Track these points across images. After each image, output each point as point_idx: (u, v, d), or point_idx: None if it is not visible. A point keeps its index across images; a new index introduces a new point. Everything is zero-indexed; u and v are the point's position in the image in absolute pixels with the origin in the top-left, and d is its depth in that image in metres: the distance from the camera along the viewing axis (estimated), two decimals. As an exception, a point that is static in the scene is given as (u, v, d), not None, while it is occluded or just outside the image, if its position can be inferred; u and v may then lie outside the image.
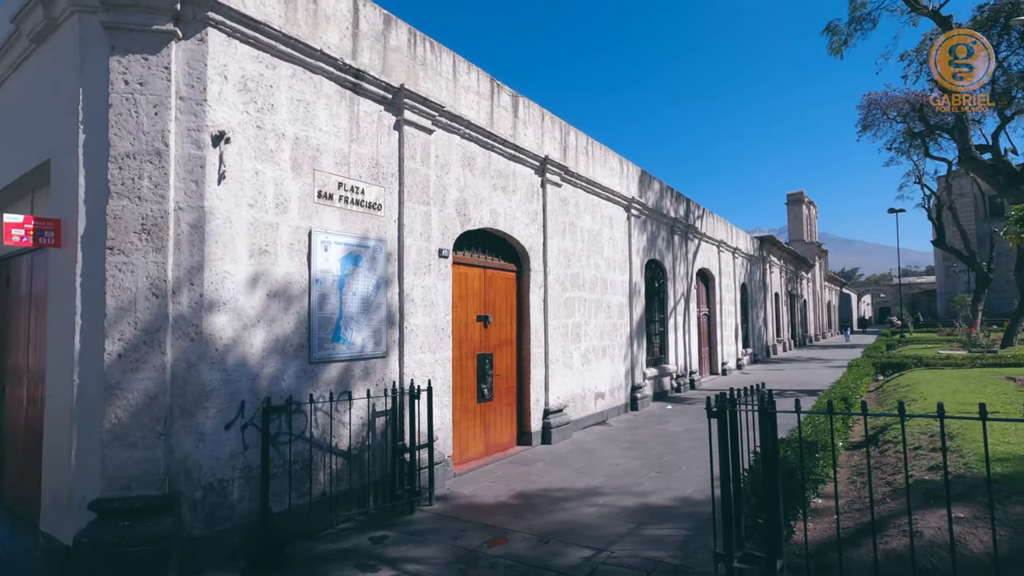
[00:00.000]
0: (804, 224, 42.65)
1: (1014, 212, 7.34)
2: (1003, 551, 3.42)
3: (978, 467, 4.63)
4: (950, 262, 42.68)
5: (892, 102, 24.95)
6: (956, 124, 14.93)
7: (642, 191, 12.41)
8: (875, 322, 70.72)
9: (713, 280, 17.65)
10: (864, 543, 3.94)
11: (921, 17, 14.80)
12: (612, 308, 10.89)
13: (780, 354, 26.99)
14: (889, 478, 5.31)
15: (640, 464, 7.20)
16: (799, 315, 34.83)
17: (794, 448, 5.01)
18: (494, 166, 7.78)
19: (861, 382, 10.94)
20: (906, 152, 27.64)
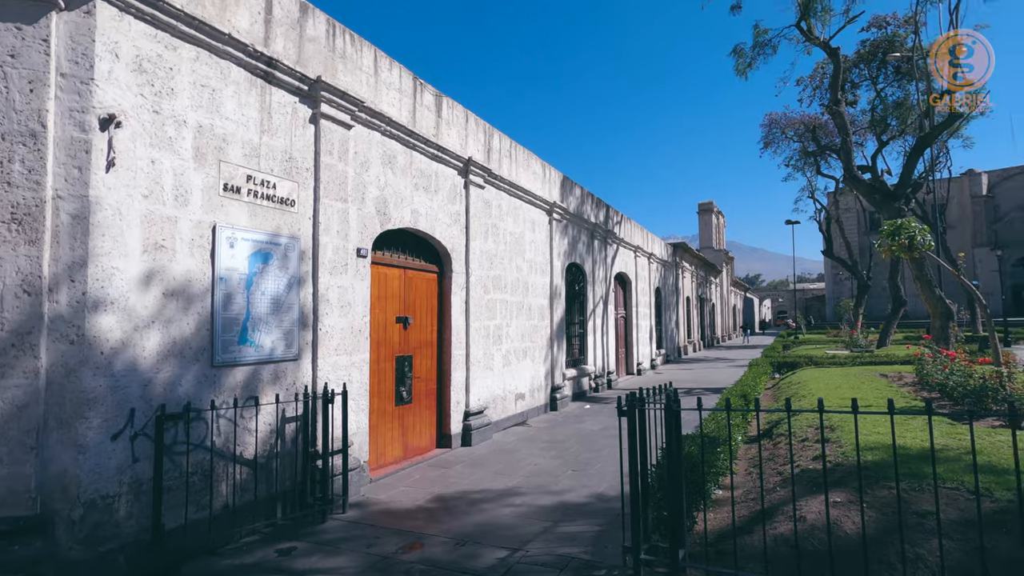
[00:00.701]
0: (713, 232, 45.50)
1: (886, 227, 8.22)
2: (871, 531, 3.81)
3: (854, 456, 5.13)
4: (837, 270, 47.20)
5: (789, 123, 27.24)
6: (842, 146, 16.55)
7: (564, 196, 12.71)
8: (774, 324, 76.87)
9: (630, 284, 18.40)
10: (757, 529, 4.25)
11: (814, 47, 16.27)
12: (533, 310, 11.06)
13: (691, 354, 28.60)
14: (780, 468, 5.77)
15: (558, 463, 7.35)
16: (708, 318, 37.09)
17: (698, 444, 5.33)
18: (416, 165, 7.67)
19: (760, 380, 11.82)
20: (801, 169, 30.27)
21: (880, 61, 21.05)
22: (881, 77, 22.13)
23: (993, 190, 46.67)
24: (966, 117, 20.51)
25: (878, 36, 20.92)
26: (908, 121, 21.64)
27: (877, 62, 21.42)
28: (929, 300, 13.30)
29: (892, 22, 20.23)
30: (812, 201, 33.20)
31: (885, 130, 23.24)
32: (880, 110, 22.65)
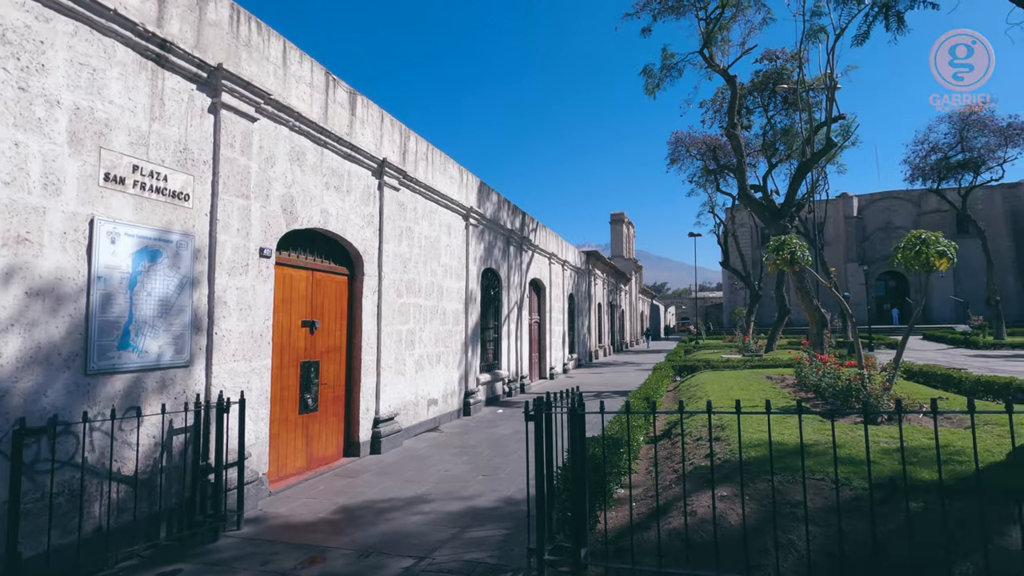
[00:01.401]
0: (624, 242, 47.65)
1: (772, 242, 9.04)
2: (752, 521, 4.16)
3: (743, 452, 5.56)
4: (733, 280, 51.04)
5: (693, 142, 29.17)
6: (737, 166, 18.00)
7: (481, 201, 12.79)
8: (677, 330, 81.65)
9: (544, 290, 18.82)
10: (653, 525, 4.50)
11: (715, 73, 17.58)
12: (448, 315, 11.01)
13: (601, 359, 29.70)
14: (676, 466, 6.14)
15: (468, 468, 7.35)
16: (618, 323, 38.73)
17: (602, 445, 5.55)
18: (327, 164, 7.40)
19: (662, 383, 12.52)
20: (703, 185, 32.49)
21: (771, 91, 23.12)
22: (771, 105, 24.31)
23: (862, 212, 52.65)
24: (840, 146, 23.02)
25: (769, 68, 22.98)
26: (793, 147, 23.90)
27: (768, 91, 23.51)
28: (808, 309, 14.74)
29: (781, 56, 22.31)
30: (712, 216, 35.76)
31: (774, 154, 25.52)
32: (770, 135, 24.85)
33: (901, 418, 3.41)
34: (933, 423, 5.65)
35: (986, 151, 32.13)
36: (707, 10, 16.59)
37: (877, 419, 7.07)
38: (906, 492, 3.45)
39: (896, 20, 6.57)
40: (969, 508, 3.70)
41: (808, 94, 20.29)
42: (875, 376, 7.92)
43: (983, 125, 31.81)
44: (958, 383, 10.69)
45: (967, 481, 4.07)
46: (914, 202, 50.23)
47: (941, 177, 33.96)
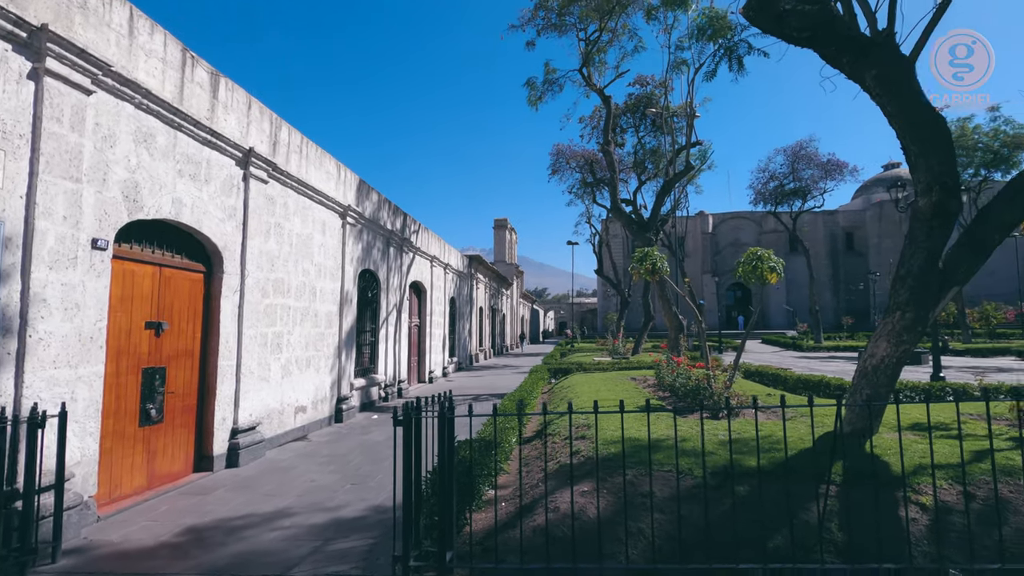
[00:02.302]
0: (507, 247, 48.75)
1: (637, 253, 9.79)
2: (608, 512, 4.45)
3: (603, 449, 5.93)
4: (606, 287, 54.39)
5: (573, 155, 30.69)
6: (610, 181, 19.25)
7: (360, 200, 12.36)
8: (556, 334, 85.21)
9: (425, 293, 18.64)
10: (520, 523, 4.64)
11: (592, 92, 18.68)
12: (320, 317, 10.48)
13: (482, 362, 30.05)
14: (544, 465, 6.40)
15: (337, 478, 7.04)
16: (499, 327, 39.46)
17: (474, 448, 5.61)
18: (182, 149, 6.71)
19: (537, 385, 12.96)
20: (581, 196, 34.27)
21: (641, 113, 25.06)
22: (642, 127, 26.36)
23: (715, 229, 58.87)
24: (698, 169, 25.56)
25: (640, 92, 24.91)
26: (660, 166, 26.10)
27: (639, 114, 25.46)
28: (667, 315, 16.14)
29: (651, 83, 24.29)
30: (589, 226, 37.91)
31: (644, 171, 27.68)
32: (640, 154, 26.92)
33: (730, 414, 3.86)
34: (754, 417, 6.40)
35: (811, 182, 37.59)
36: (587, 32, 17.59)
37: (719, 414, 7.92)
38: (732, 479, 3.90)
39: (737, 63, 7.57)
40: (784, 490, 4.28)
41: (672, 119, 22.29)
42: (719, 376, 8.89)
43: (809, 159, 37.21)
44: (784, 381, 12.33)
45: (783, 466, 4.71)
46: (757, 222, 57.19)
47: (777, 202, 39.09)
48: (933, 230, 5.32)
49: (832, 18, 4.74)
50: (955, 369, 16.92)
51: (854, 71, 4.94)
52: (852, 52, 4.81)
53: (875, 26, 5.54)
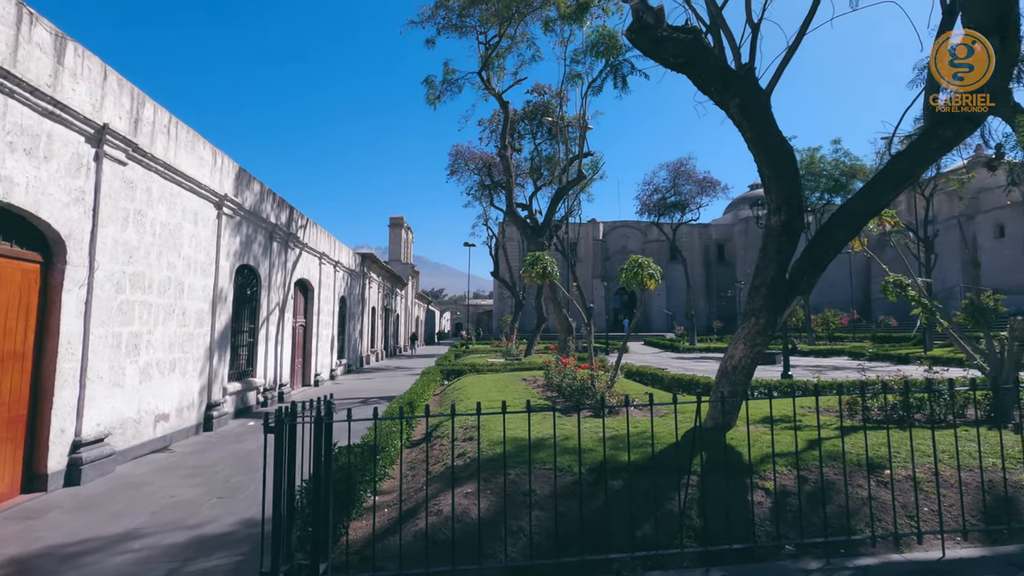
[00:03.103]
0: (402, 246, 47.77)
1: (529, 257, 10.04)
2: (492, 512, 4.49)
3: (488, 450, 5.98)
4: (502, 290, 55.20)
5: (472, 156, 30.82)
6: (506, 185, 19.57)
7: (239, 190, 11.45)
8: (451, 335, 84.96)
9: (313, 291, 17.71)
10: (402, 528, 4.54)
11: (491, 96, 18.89)
12: (189, 315, 9.55)
13: (373, 364, 29.14)
14: (434, 468, 6.33)
15: (202, 492, 6.45)
16: (393, 328, 38.54)
17: (356, 454, 5.41)
18: (14, 119, 5.79)
19: (429, 387, 12.82)
20: (479, 198, 34.48)
21: (539, 121, 25.77)
22: (539, 134, 27.12)
23: (605, 236, 62.06)
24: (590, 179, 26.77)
25: (538, 100, 25.62)
26: (555, 173, 27.01)
27: (537, 121, 26.17)
28: (558, 318, 16.72)
29: (548, 92, 25.06)
30: (486, 228, 38.21)
31: (539, 178, 28.48)
32: (537, 160, 27.67)
33: (605, 413, 4.06)
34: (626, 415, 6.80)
35: (690, 197, 40.96)
36: (487, 36, 17.75)
37: (602, 412, 8.33)
38: (606, 474, 4.11)
39: (621, 80, 8.10)
40: (652, 482, 4.59)
41: (567, 129, 23.17)
42: (602, 376, 9.35)
43: (688, 175, 40.51)
44: (661, 380, 13.27)
45: (652, 460, 5.05)
46: (643, 231, 61.13)
47: (660, 213, 42.11)
48: (782, 245, 6.00)
49: (703, 48, 5.19)
50: (801, 368, 19.23)
51: (721, 99, 5.45)
52: (719, 82, 5.30)
53: (739, 60, 6.15)
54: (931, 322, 8.09)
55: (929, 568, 3.66)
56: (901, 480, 4.63)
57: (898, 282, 8.33)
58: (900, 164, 5.39)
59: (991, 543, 4.05)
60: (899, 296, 8.42)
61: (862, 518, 4.22)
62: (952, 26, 5.57)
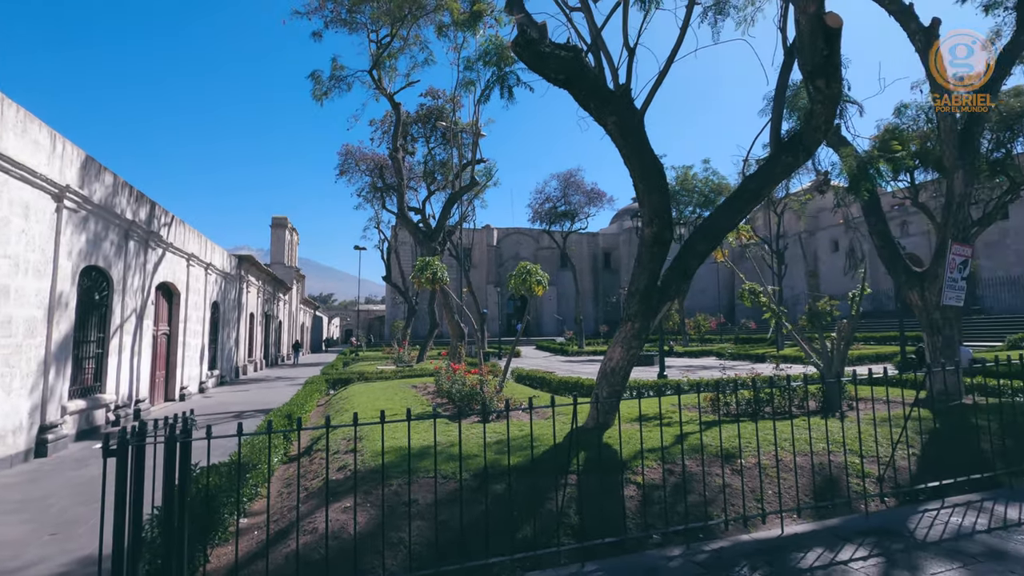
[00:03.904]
0: (286, 248, 44.98)
1: (418, 263, 9.90)
2: (372, 525, 4.34)
3: (370, 461, 5.78)
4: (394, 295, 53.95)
5: (363, 157, 29.84)
6: (398, 188, 19.17)
7: (85, 181, 10.10)
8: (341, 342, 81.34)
9: (179, 296, 16.08)
10: (271, 551, 4.23)
11: (383, 96, 18.42)
12: (17, 324, 8.23)
13: (251, 374, 27.06)
14: (309, 484, 5.99)
15: (29, 529, 5.56)
16: (274, 335, 36.09)
17: (221, 474, 4.97)
18: None
19: (312, 398, 12.15)
20: (370, 201, 33.41)
21: (432, 125, 25.59)
22: (433, 138, 26.91)
23: (500, 243, 63.04)
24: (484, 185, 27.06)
25: (432, 104, 25.44)
26: (448, 178, 26.96)
27: (431, 125, 25.96)
28: (450, 323, 16.66)
29: (442, 97, 24.98)
30: (378, 231, 37.14)
31: (433, 182, 28.25)
32: (430, 165, 27.43)
33: (488, 418, 4.10)
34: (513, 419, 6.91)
35: (579, 206, 42.85)
36: (378, 34, 17.30)
37: (490, 417, 8.41)
38: (486, 479, 4.14)
39: (508, 91, 8.34)
40: (533, 484, 4.70)
41: (461, 135, 23.25)
42: (491, 381, 9.45)
43: (577, 186, 42.40)
44: (549, 383, 13.69)
45: (536, 462, 5.18)
46: (535, 239, 62.90)
47: (551, 222, 43.58)
48: (654, 255, 6.46)
49: (583, 67, 5.46)
50: (676, 368, 20.83)
51: (599, 115, 5.76)
52: (598, 99, 5.61)
53: (617, 81, 6.55)
54: (779, 325, 9.14)
55: (771, 544, 4.10)
56: (750, 467, 5.16)
57: (752, 290, 9.32)
58: (751, 185, 6.04)
59: (820, 518, 4.63)
60: (753, 302, 9.43)
61: (718, 504, 4.64)
62: (792, 65, 6.37)
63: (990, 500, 4.85)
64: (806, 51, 4.91)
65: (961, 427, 6.28)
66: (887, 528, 4.30)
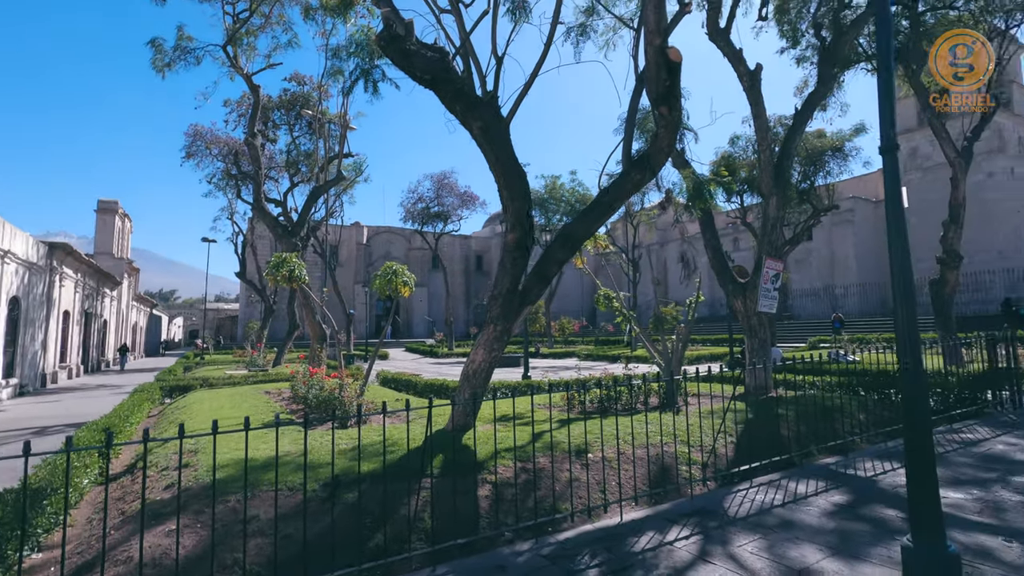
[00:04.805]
0: (116, 236, 39.30)
1: (273, 259, 9.21)
2: (199, 550, 3.92)
3: (207, 477, 5.24)
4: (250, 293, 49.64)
5: (215, 140, 27.10)
6: (254, 177, 17.67)
7: None
8: (185, 344, 72.91)
9: (-36, 289, 13.28)
10: (72, 590, 3.64)
11: (239, 76, 16.87)
12: None
13: (65, 382, 23.19)
14: (128, 507, 5.26)
15: None
16: (96, 337, 31.30)
17: (8, 501, 4.19)
18: None
19: (141, 408, 10.73)
20: (223, 189, 30.42)
21: (297, 113, 24.03)
22: (298, 126, 25.26)
23: (370, 241, 60.96)
24: (353, 181, 26.00)
25: (298, 90, 23.88)
26: (313, 171, 25.48)
27: (295, 112, 24.35)
28: (310, 325, 15.73)
29: (309, 83, 23.55)
30: (232, 222, 33.93)
31: (297, 173, 26.51)
32: (294, 154, 25.72)
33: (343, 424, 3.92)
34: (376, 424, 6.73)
35: (452, 208, 42.92)
36: (235, 7, 15.83)
37: (348, 423, 8.06)
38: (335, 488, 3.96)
39: (373, 86, 8.11)
40: (386, 490, 4.58)
41: (329, 126, 22.12)
42: (351, 385, 9.07)
43: (451, 188, 42.46)
44: (415, 386, 13.49)
45: (394, 467, 5.07)
46: (407, 238, 61.77)
47: (424, 222, 43.13)
48: (516, 260, 6.66)
49: (449, 69, 5.48)
50: (541, 369, 21.69)
51: (464, 119, 5.82)
52: (463, 103, 5.65)
53: (485, 87, 6.67)
54: (630, 328, 9.93)
55: (611, 532, 4.43)
56: (598, 461, 5.53)
57: (606, 295, 10.03)
58: (605, 198, 6.49)
59: (655, 504, 5.10)
60: (607, 307, 10.15)
61: (567, 498, 4.90)
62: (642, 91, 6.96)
63: (786, 478, 5.70)
64: (652, 80, 5.40)
65: (768, 417, 7.31)
66: (707, 509, 4.86)
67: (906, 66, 14.99)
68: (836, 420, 7.20)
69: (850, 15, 12.58)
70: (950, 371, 9.43)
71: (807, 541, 4.10)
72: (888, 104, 3.48)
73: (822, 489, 5.32)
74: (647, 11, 5.24)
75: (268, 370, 19.21)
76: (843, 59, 13.24)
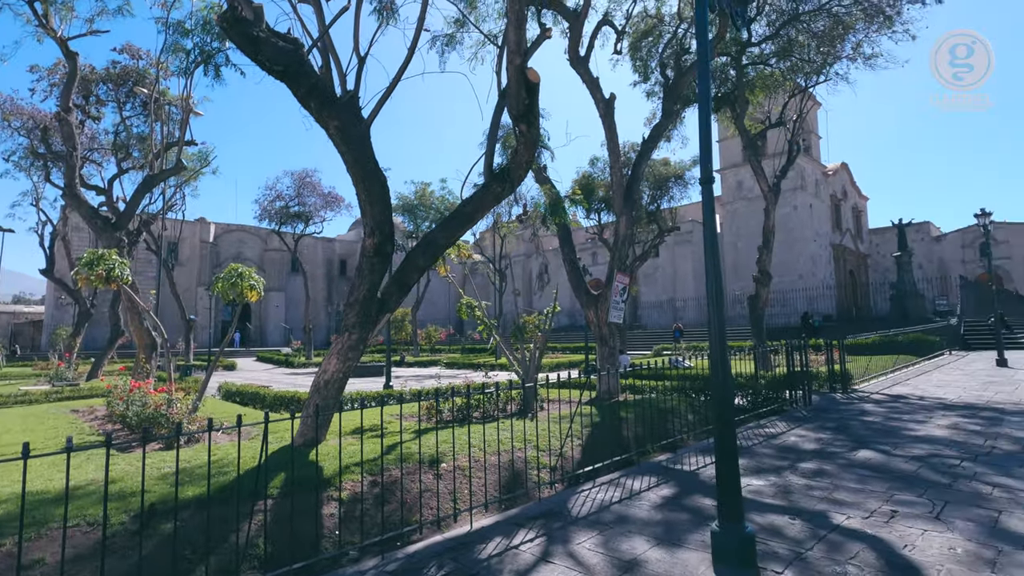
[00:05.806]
0: None
1: (87, 255, 7.92)
2: (-43, 608, 3.21)
3: (-17, 514, 4.32)
4: (60, 294, 42.29)
5: (16, 111, 22.81)
6: (67, 158, 15.11)
7: None
8: (-34, 354, 59.71)
9: None
10: None
11: (50, 39, 14.36)
12: None
13: None
14: None
15: None
16: None
17: None
18: None
19: None
20: (27, 170, 25.65)
21: (130, 89, 21.10)
22: (129, 105, 22.14)
23: (217, 240, 55.31)
24: (197, 171, 23.44)
25: (131, 64, 20.99)
26: (149, 157, 22.50)
27: (127, 89, 21.35)
28: (137, 331, 13.81)
29: (146, 58, 20.81)
30: (37, 210, 28.69)
31: (127, 158, 23.22)
32: (124, 136, 22.52)
33: (145, 446, 3.45)
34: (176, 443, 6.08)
35: (314, 209, 40.54)
36: (47, -40, 13.49)
37: (182, 442, 7.16)
38: (149, 518, 3.49)
39: (215, 70, 7.40)
40: (216, 515, 4.13)
41: (169, 108, 19.71)
42: (182, 400, 8.10)
43: (313, 188, 40.12)
44: (263, 399, 12.41)
45: (222, 490, 4.59)
46: (262, 238, 57.07)
47: (282, 222, 40.18)
48: (375, 266, 6.46)
49: (303, 62, 5.18)
50: (405, 377, 21.22)
51: (320, 117, 5.53)
52: (319, 100, 5.37)
53: (345, 86, 6.41)
54: (491, 337, 10.12)
55: (459, 541, 4.43)
56: (451, 471, 5.52)
57: (469, 304, 10.13)
58: (466, 208, 6.57)
59: (505, 509, 5.22)
60: (469, 315, 10.26)
61: (418, 510, 4.82)
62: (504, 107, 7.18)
63: (625, 476, 6.17)
64: (513, 97, 5.59)
65: (614, 419, 7.88)
66: (553, 511, 5.08)
67: (732, 110, 17.29)
68: (669, 420, 7.98)
69: (690, 58, 14.20)
70: (760, 374, 10.97)
71: (637, 534, 4.46)
72: (706, 143, 3.96)
73: (654, 484, 5.84)
74: (509, 31, 5.43)
75: (80, 384, 16.47)
76: (684, 97, 14.88)
